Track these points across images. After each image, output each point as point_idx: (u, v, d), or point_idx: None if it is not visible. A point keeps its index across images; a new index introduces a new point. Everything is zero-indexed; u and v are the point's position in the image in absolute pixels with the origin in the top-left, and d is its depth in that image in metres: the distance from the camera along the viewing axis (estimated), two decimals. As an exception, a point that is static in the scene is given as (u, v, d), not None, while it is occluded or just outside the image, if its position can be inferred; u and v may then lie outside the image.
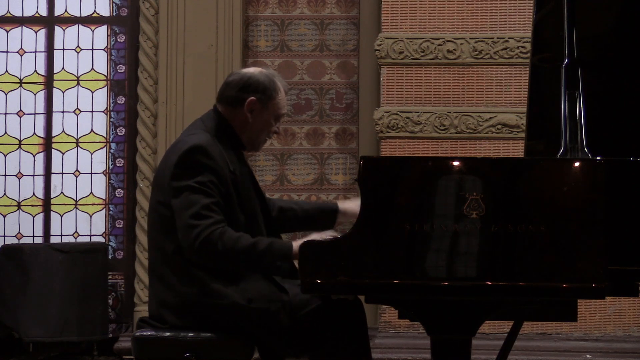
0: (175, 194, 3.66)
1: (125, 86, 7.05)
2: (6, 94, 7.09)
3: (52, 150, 7.06)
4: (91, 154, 7.05)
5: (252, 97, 3.82)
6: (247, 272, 3.71)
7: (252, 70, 3.92)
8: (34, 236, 7.04)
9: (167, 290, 3.70)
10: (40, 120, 7.09)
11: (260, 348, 3.78)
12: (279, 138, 6.83)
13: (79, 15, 7.10)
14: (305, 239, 3.38)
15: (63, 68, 7.09)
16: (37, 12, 7.12)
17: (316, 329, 3.69)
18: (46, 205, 7.05)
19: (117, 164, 7.05)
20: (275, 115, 3.88)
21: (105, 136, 7.05)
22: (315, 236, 3.48)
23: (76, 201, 7.04)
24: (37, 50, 7.11)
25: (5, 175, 7.08)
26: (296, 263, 3.48)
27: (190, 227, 3.59)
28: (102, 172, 7.04)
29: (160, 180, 3.76)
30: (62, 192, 7.04)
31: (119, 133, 7.06)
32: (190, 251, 3.60)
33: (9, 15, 7.12)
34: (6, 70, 7.10)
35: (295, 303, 3.68)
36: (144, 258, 6.76)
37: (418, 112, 6.27)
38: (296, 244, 3.53)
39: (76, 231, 7.03)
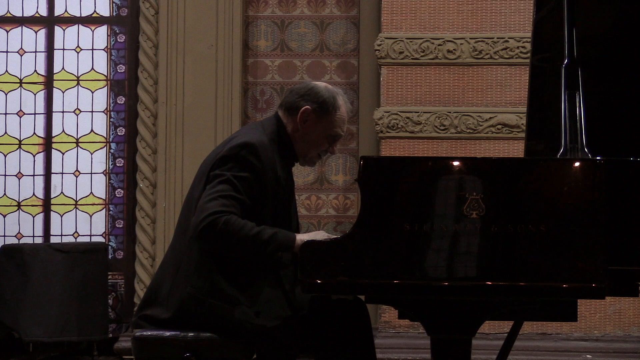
0: (210, 180, 3.64)
1: (125, 86, 7.04)
2: (6, 94, 7.08)
3: (52, 150, 7.06)
4: (91, 154, 7.05)
5: (307, 107, 3.78)
6: (259, 279, 3.66)
7: (319, 82, 3.88)
8: (34, 236, 7.04)
9: (177, 279, 3.67)
10: (40, 120, 7.08)
11: (258, 354, 3.78)
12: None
13: (79, 15, 7.10)
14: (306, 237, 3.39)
15: (63, 68, 7.08)
16: (37, 12, 7.12)
17: (321, 329, 3.68)
18: (46, 205, 7.05)
19: (117, 164, 7.04)
20: (328, 133, 3.81)
21: (105, 136, 7.05)
22: (318, 236, 3.48)
23: (76, 201, 7.04)
24: (37, 50, 7.10)
25: (5, 175, 7.07)
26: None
27: (201, 210, 3.56)
28: (102, 172, 7.04)
29: (204, 169, 3.73)
30: (62, 192, 7.04)
31: (119, 133, 7.05)
32: (194, 232, 3.57)
33: (9, 15, 7.12)
34: (6, 70, 7.10)
35: (299, 303, 3.68)
36: (144, 258, 6.76)
37: (418, 112, 6.27)
38: (300, 237, 3.52)
39: (76, 231, 7.03)
